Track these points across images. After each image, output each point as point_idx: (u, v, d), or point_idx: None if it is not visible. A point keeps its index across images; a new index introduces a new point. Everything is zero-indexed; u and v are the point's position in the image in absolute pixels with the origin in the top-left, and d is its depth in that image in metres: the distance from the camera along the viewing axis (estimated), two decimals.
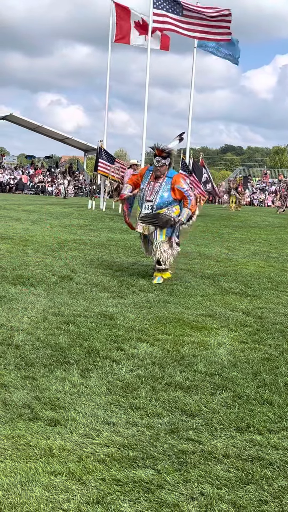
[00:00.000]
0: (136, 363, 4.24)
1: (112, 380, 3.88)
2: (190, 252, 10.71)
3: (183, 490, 2.59)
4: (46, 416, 3.27)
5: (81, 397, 3.58)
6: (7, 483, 2.56)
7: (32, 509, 2.38)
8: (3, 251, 9.56)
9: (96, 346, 4.59)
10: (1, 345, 4.51)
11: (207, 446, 3.01)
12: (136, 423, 3.24)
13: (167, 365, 4.23)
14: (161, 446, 2.99)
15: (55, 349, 4.47)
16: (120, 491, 2.55)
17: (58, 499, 2.47)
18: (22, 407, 3.38)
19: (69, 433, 3.09)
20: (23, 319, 5.28)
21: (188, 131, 25.47)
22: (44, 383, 3.77)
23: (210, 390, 3.77)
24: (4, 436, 3.01)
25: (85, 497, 2.49)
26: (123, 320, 5.43)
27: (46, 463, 2.76)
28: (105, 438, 3.05)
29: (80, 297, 6.34)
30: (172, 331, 5.13)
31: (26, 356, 4.28)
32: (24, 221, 15.50)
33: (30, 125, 48.57)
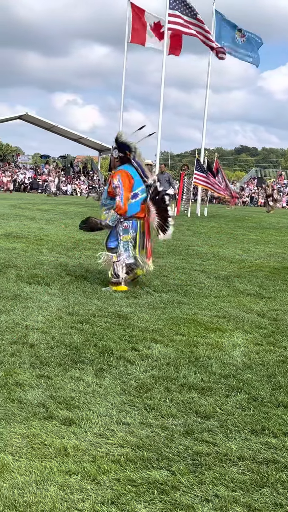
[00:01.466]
0: (151, 364, 4.24)
1: (126, 380, 3.88)
2: (205, 253, 10.69)
3: (198, 492, 2.58)
4: (61, 416, 3.27)
5: (96, 397, 3.58)
6: (22, 482, 2.57)
7: (47, 508, 2.39)
8: (18, 250, 9.61)
9: (110, 346, 4.59)
10: (16, 343, 4.52)
11: (221, 448, 3.00)
12: (150, 424, 3.24)
13: (181, 366, 4.22)
14: (176, 448, 2.98)
15: (69, 349, 4.48)
16: (134, 491, 2.55)
17: (72, 498, 2.47)
18: (37, 406, 3.39)
19: (84, 432, 3.09)
20: (38, 318, 5.29)
21: (203, 132, 25.43)
22: (58, 382, 3.78)
23: (225, 392, 3.76)
24: (19, 435, 3.02)
25: (100, 497, 2.49)
26: (137, 320, 5.42)
27: (61, 462, 2.76)
28: (120, 438, 3.05)
29: (94, 297, 6.35)
30: (187, 332, 5.12)
31: (41, 355, 4.29)
32: (39, 220, 15.57)
33: (45, 125, 48.79)
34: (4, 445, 2.90)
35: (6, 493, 2.47)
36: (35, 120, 48.06)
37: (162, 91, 23.27)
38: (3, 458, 2.76)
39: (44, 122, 47.81)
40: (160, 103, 23.35)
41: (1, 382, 3.71)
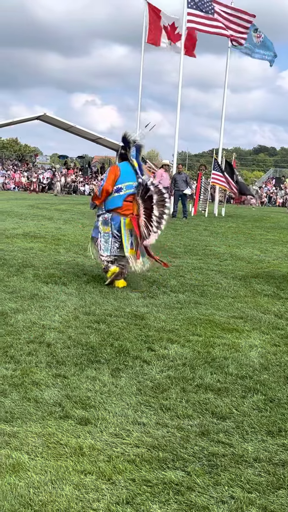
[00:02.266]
0: (167, 364, 4.23)
1: (142, 381, 3.87)
2: (222, 254, 10.65)
3: (213, 493, 2.57)
4: (77, 415, 3.28)
5: (112, 396, 3.58)
6: (37, 481, 2.57)
7: (62, 508, 2.39)
8: (36, 250, 9.65)
9: (126, 346, 4.59)
10: (33, 343, 4.54)
11: (237, 449, 2.98)
12: (166, 424, 3.23)
13: (197, 366, 4.20)
14: (191, 448, 2.97)
15: (86, 348, 4.48)
16: (150, 492, 2.54)
17: (88, 498, 2.47)
18: (53, 405, 3.40)
19: (99, 432, 3.10)
20: (55, 318, 5.31)
21: (221, 132, 25.35)
22: (75, 381, 3.79)
23: (241, 393, 3.74)
24: (35, 434, 3.03)
25: (115, 497, 2.49)
26: (153, 321, 5.42)
27: (76, 461, 2.77)
28: (135, 438, 3.04)
29: (111, 297, 6.36)
30: (203, 332, 5.10)
31: (57, 354, 4.30)
32: (57, 220, 15.63)
33: (63, 125, 48.96)
34: (20, 444, 2.91)
35: (22, 492, 2.48)
36: (53, 120, 48.24)
37: (179, 91, 23.24)
38: (19, 457, 2.77)
39: (62, 123, 47.98)
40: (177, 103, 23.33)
41: (17, 381, 3.73)
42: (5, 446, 2.88)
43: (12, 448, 2.87)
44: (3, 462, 2.72)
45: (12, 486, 2.52)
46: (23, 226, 13.61)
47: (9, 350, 4.33)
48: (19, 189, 44.05)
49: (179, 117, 23.28)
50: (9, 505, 2.38)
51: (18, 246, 10.03)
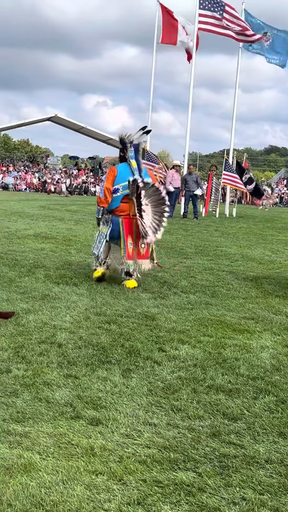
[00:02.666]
0: (178, 365, 4.22)
1: (153, 381, 3.87)
2: (233, 254, 10.62)
3: (225, 494, 2.56)
4: (88, 415, 3.28)
5: (123, 397, 3.58)
6: (49, 481, 2.58)
7: (74, 508, 2.40)
8: (47, 251, 9.69)
9: (137, 346, 4.60)
10: (44, 343, 4.56)
11: (249, 450, 2.97)
12: (177, 425, 3.23)
13: (208, 367, 4.20)
14: (203, 449, 2.96)
15: (97, 349, 4.49)
16: (161, 493, 2.54)
17: (99, 498, 2.47)
18: (64, 406, 3.41)
19: (111, 432, 3.10)
20: (66, 318, 5.33)
21: (232, 132, 25.31)
22: (86, 382, 3.79)
23: (253, 394, 3.72)
24: (47, 434, 3.04)
25: (126, 498, 2.49)
26: (164, 321, 5.42)
27: (87, 462, 2.77)
28: (146, 439, 3.04)
29: (121, 297, 6.36)
30: (214, 333, 5.09)
31: (68, 354, 4.31)
32: (68, 221, 15.68)
33: (74, 126, 49.12)
34: (32, 444, 2.92)
35: (33, 491, 2.49)
36: (64, 121, 48.41)
37: (191, 91, 23.24)
38: (30, 457, 2.78)
39: (73, 124, 48.14)
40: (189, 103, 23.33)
41: (29, 381, 3.74)
42: (16, 446, 2.89)
43: (24, 448, 2.88)
44: (14, 462, 2.73)
45: (23, 486, 2.53)
46: (35, 227, 13.66)
47: (21, 351, 4.35)
48: (30, 190, 44.20)
49: (190, 117, 23.28)
50: (21, 505, 2.39)
51: (29, 247, 10.07)
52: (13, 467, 2.69)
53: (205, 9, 22.27)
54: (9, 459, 2.76)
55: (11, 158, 56.42)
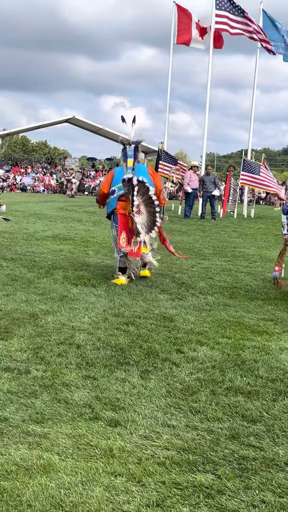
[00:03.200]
0: (196, 366, 4.21)
1: (171, 383, 3.87)
2: (251, 255, 10.57)
3: (244, 497, 2.55)
4: (107, 417, 3.29)
5: (141, 398, 3.58)
6: (68, 482, 2.59)
7: (93, 509, 2.40)
8: (65, 252, 9.73)
9: (155, 347, 4.59)
10: (63, 344, 4.57)
11: (268, 453, 2.95)
12: (196, 427, 3.22)
13: (227, 369, 4.18)
14: (222, 451, 2.95)
15: (115, 350, 4.50)
16: (180, 495, 2.54)
17: (118, 500, 2.48)
18: (83, 407, 3.41)
19: (129, 434, 3.10)
20: (84, 319, 5.34)
21: (250, 132, 25.20)
22: (104, 383, 3.80)
23: (272, 396, 3.70)
24: (66, 435, 3.05)
25: (145, 500, 2.49)
26: (182, 323, 5.41)
27: (106, 463, 2.77)
28: (165, 440, 3.04)
29: (139, 298, 6.36)
30: (233, 334, 5.07)
31: (87, 356, 4.33)
32: (85, 223, 15.72)
33: (92, 128, 49.21)
34: (51, 445, 2.93)
35: (53, 492, 2.50)
36: (82, 123, 48.53)
37: (208, 91, 23.19)
38: (49, 458, 2.79)
39: (91, 125, 48.23)
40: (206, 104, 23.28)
41: (48, 382, 3.75)
42: (36, 447, 2.91)
43: (43, 449, 2.89)
44: (34, 462, 2.74)
45: (43, 486, 2.54)
46: (53, 228, 13.73)
47: (40, 352, 4.37)
48: (48, 192, 44.42)
49: (207, 118, 23.23)
50: (40, 506, 2.40)
51: (48, 248, 10.12)
52: (33, 468, 2.70)
53: (221, 10, 22.22)
54: (29, 459, 2.77)
55: (29, 159, 56.75)
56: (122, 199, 7.30)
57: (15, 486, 2.53)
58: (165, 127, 26.37)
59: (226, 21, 22.34)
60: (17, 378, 3.83)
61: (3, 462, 2.73)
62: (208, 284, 7.40)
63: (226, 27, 22.47)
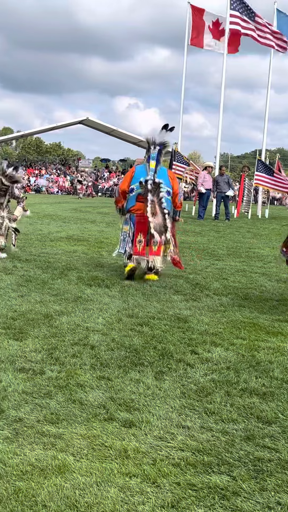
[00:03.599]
0: (211, 367, 4.20)
1: (186, 384, 3.86)
2: (266, 256, 10.52)
3: (260, 498, 2.54)
4: (121, 417, 3.29)
5: (156, 399, 3.58)
6: (83, 483, 2.59)
7: (108, 510, 2.40)
8: (79, 253, 9.75)
9: (170, 348, 4.59)
10: (77, 345, 4.58)
11: (284, 454, 2.93)
12: (211, 428, 3.21)
13: (242, 370, 4.16)
14: (237, 453, 2.94)
15: (129, 351, 4.50)
16: (195, 496, 2.53)
17: (133, 501, 2.47)
18: (98, 407, 3.42)
19: (144, 435, 3.10)
20: (98, 320, 5.35)
21: (264, 132, 25.10)
22: (118, 384, 3.80)
23: (287, 398, 3.68)
24: (80, 436, 3.05)
25: (160, 501, 2.48)
26: (196, 323, 5.39)
27: (121, 464, 2.77)
28: (180, 442, 3.03)
29: (153, 299, 6.36)
30: (247, 335, 5.05)
31: (101, 356, 4.33)
32: (99, 223, 15.75)
33: (106, 129, 49.30)
34: (66, 446, 2.94)
35: (68, 493, 2.50)
36: (96, 124, 48.65)
37: (222, 92, 23.14)
38: (64, 459, 2.80)
39: (104, 126, 48.32)
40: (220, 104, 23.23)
41: (62, 383, 3.76)
42: (51, 447, 2.92)
43: (58, 450, 2.90)
44: (49, 463, 2.75)
45: (58, 487, 2.54)
46: (67, 229, 13.77)
47: (54, 352, 4.38)
48: (62, 193, 44.56)
49: (221, 118, 23.18)
50: (55, 506, 2.40)
51: (62, 249, 10.15)
52: (48, 468, 2.71)
53: (235, 10, 22.20)
54: (44, 460, 2.78)
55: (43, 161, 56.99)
56: (140, 199, 7.39)
57: (30, 486, 2.54)
58: (179, 127, 26.35)
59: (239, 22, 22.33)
60: (32, 378, 3.84)
61: (18, 463, 2.75)
62: (222, 285, 7.38)
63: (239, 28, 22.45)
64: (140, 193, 7.36)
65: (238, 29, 22.56)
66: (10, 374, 3.88)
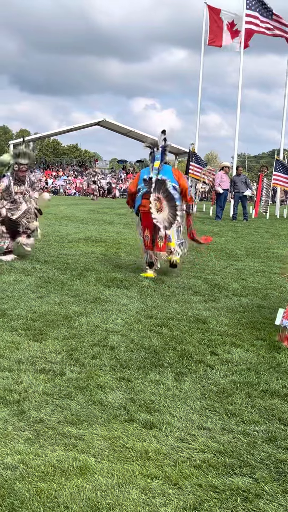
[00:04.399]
0: (231, 369, 4.18)
1: (206, 385, 3.84)
2: (285, 256, 10.45)
3: (282, 501, 2.51)
4: (142, 419, 3.28)
5: (176, 400, 3.57)
6: (104, 484, 2.59)
7: (130, 511, 2.39)
8: (97, 254, 9.76)
9: (189, 350, 4.57)
10: (96, 346, 4.58)
11: None
12: (232, 430, 3.19)
13: (262, 371, 4.13)
14: (258, 455, 2.91)
15: (148, 352, 4.49)
16: (217, 498, 2.51)
17: (155, 502, 2.46)
18: (118, 409, 3.41)
19: (165, 436, 3.09)
20: (117, 321, 5.35)
21: (282, 132, 24.94)
22: (138, 385, 3.79)
23: None
24: (101, 437, 3.05)
25: (182, 503, 2.47)
26: (216, 324, 5.37)
27: (142, 465, 2.77)
28: (201, 443, 3.02)
29: (172, 300, 6.35)
30: (267, 336, 5.01)
31: (120, 357, 4.33)
32: (117, 225, 15.77)
33: (122, 130, 49.42)
34: (87, 447, 2.94)
35: (90, 494, 2.50)
36: (112, 125, 48.80)
37: (239, 92, 23.06)
38: (85, 460, 2.80)
39: (121, 127, 48.44)
40: (237, 104, 23.14)
41: (82, 384, 3.77)
42: (72, 449, 2.92)
43: (79, 451, 2.90)
44: (70, 464, 2.75)
45: (79, 488, 2.54)
46: (85, 230, 13.81)
47: (74, 353, 4.39)
48: (79, 194, 44.73)
49: (239, 118, 23.09)
50: (77, 507, 2.40)
51: (80, 250, 10.18)
52: (69, 469, 2.71)
53: (251, 10, 22.13)
54: (65, 461, 2.78)
55: (60, 162, 57.25)
56: (146, 197, 7.75)
57: (52, 487, 2.55)
58: (196, 128, 26.31)
59: (256, 22, 22.26)
60: (52, 379, 3.85)
61: (39, 464, 2.75)
62: (241, 286, 7.34)
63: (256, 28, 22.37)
64: (146, 191, 7.72)
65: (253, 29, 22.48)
66: (30, 375, 3.90)
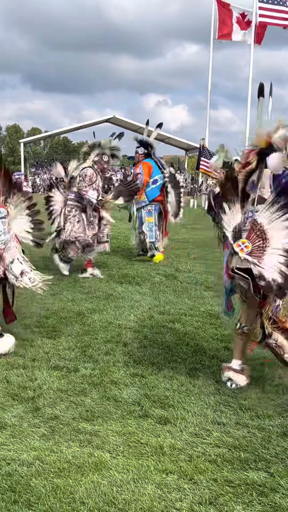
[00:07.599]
0: None
1: (220, 380, 3.83)
2: None
3: None
4: (156, 414, 3.28)
5: (190, 396, 3.57)
6: (120, 479, 2.60)
7: (146, 507, 2.40)
8: None
9: (202, 345, 4.57)
10: (110, 342, 4.60)
11: None
12: (246, 424, 3.18)
13: (276, 366, 4.11)
14: (273, 449, 2.91)
15: (162, 347, 4.49)
16: (232, 492, 2.52)
17: (170, 497, 2.47)
18: (132, 404, 3.42)
19: (179, 431, 3.09)
20: (130, 317, 5.35)
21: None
22: (152, 381, 3.80)
23: None
24: (116, 433, 3.06)
25: (197, 497, 2.48)
26: (228, 320, 5.35)
27: (157, 461, 2.77)
28: (216, 438, 3.02)
29: (184, 296, 6.34)
30: None
31: (134, 353, 4.33)
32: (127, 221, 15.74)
33: (132, 127, 49.25)
34: (102, 443, 2.95)
35: (105, 490, 2.51)
36: (122, 122, 48.69)
37: (249, 86, 22.93)
38: (100, 456, 2.81)
39: (131, 124, 48.29)
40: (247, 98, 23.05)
41: (96, 380, 3.78)
42: (87, 445, 2.93)
43: (94, 447, 2.91)
44: (85, 460, 2.76)
45: (95, 484, 2.56)
46: None
47: (87, 350, 4.40)
48: None
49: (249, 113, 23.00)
50: (93, 503, 2.42)
51: None
52: (84, 465, 2.72)
53: (263, 2, 21.92)
54: (80, 457, 2.80)
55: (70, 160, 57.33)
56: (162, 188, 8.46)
57: (68, 483, 2.56)
58: (207, 123, 26.23)
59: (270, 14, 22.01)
60: (66, 376, 3.87)
61: (55, 460, 2.77)
62: None
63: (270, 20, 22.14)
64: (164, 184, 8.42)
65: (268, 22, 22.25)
66: (44, 372, 3.91)
